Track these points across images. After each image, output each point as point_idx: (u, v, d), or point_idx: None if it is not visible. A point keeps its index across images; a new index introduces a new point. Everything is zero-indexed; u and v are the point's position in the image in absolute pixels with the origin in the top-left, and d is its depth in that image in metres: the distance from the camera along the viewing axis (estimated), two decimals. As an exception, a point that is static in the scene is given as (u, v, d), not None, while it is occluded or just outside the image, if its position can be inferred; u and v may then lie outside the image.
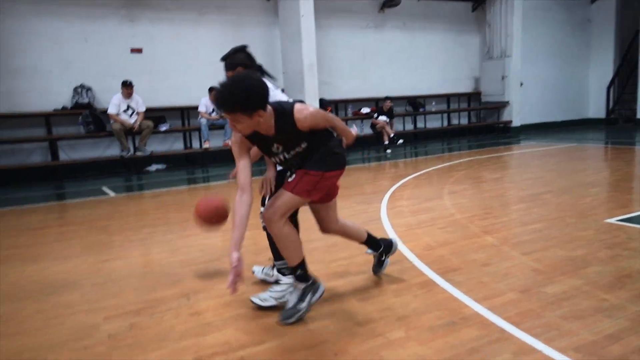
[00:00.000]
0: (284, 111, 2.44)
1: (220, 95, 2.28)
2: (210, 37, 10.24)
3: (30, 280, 3.45)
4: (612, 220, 4.40)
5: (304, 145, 2.53)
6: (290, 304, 2.61)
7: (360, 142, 11.79)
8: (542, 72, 14.50)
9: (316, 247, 3.94)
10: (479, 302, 2.77)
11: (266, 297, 2.81)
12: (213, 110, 9.65)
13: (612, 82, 15.11)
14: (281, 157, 2.59)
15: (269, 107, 2.41)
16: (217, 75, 11.15)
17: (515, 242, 3.92)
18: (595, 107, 15.60)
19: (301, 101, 2.56)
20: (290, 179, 2.59)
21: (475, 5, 13.68)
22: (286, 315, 2.58)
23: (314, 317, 2.66)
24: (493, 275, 3.21)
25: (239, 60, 2.88)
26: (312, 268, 3.36)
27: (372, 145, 11.55)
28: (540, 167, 8.25)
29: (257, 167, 3.08)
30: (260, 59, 2.99)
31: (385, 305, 2.80)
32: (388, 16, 12.42)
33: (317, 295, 2.66)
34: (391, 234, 4.22)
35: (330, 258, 3.66)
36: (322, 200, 2.79)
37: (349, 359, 2.22)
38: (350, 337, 2.43)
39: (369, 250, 3.23)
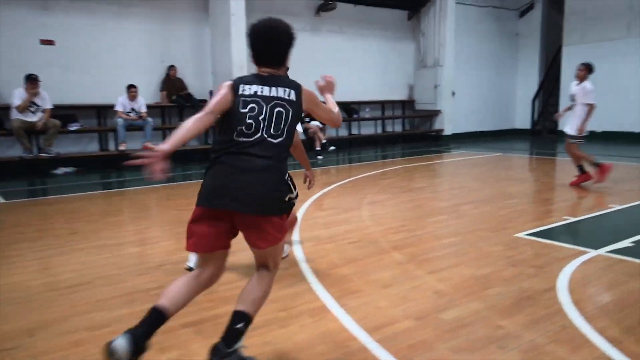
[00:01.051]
0: None
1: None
2: (134, 31, 9.61)
3: None
4: (522, 234, 4.33)
5: None
6: None
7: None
8: (473, 82, 14.80)
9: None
10: (370, 332, 2.52)
11: None
12: (132, 110, 9.02)
13: (537, 95, 15.70)
14: None
15: None
16: (141, 71, 10.27)
17: (422, 259, 3.75)
18: (522, 118, 16.14)
19: None
20: None
21: (410, 14, 13.78)
22: None
23: (183, 354, 2.31)
24: (392, 298, 2.99)
25: None
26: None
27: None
28: (465, 176, 8.29)
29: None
30: (188, 57, 2.64)
31: (267, 338, 2.49)
32: (324, 20, 12.22)
33: None
34: (298, 251, 3.94)
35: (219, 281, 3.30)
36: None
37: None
38: (212, 382, 2.10)
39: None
